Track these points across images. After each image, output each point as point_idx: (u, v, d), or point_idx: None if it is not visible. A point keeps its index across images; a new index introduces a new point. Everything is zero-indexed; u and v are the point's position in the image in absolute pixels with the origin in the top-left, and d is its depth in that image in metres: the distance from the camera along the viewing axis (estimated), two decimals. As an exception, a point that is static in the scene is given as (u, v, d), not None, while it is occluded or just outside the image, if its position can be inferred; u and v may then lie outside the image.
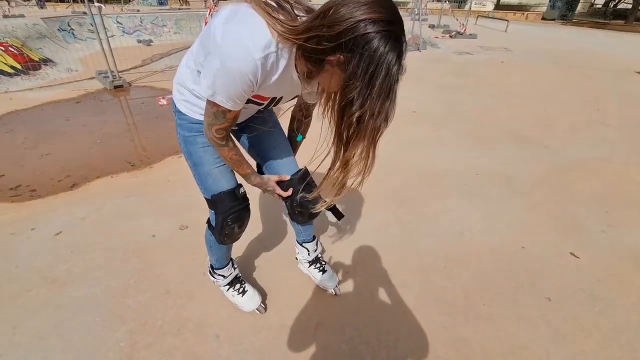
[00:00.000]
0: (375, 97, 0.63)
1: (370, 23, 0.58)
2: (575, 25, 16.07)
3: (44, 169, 2.57)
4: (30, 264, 1.67)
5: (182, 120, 1.02)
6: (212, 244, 1.27)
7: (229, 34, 0.70)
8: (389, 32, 0.60)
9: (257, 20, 0.69)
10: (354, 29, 0.59)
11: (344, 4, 0.60)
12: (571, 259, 1.75)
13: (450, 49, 8.08)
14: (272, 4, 0.71)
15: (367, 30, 0.58)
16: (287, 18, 0.70)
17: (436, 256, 1.76)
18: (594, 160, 2.84)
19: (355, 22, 0.59)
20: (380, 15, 0.59)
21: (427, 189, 2.37)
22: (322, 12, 0.63)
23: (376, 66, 0.60)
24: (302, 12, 0.75)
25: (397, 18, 0.62)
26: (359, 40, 0.59)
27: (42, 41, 8.83)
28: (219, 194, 1.09)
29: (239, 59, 0.70)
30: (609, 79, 5.62)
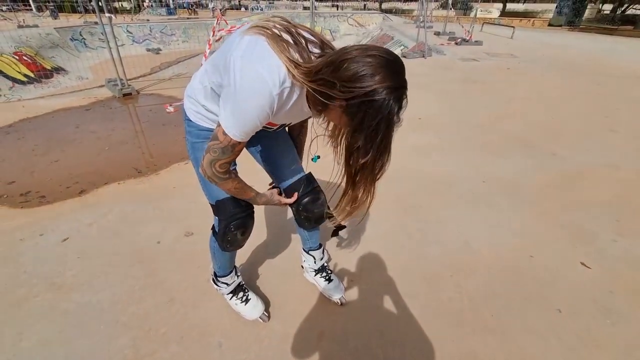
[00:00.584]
0: (377, 147, 0.72)
1: (382, 90, 0.65)
2: (582, 31, 15.97)
3: (53, 175, 2.61)
4: (38, 270, 1.69)
5: (191, 128, 1.04)
6: (216, 251, 1.28)
7: (248, 70, 0.74)
8: (397, 98, 0.67)
9: (274, 58, 0.73)
10: (367, 94, 0.65)
11: (356, 61, 0.65)
12: (582, 269, 1.71)
13: (456, 55, 8.08)
14: (287, 39, 0.75)
15: (379, 97, 0.65)
16: (301, 56, 0.75)
17: (443, 265, 1.73)
18: (603, 167, 2.79)
19: (370, 89, 0.65)
20: (391, 83, 0.65)
21: (433, 196, 2.35)
22: (334, 63, 0.68)
23: (381, 124, 0.68)
24: (316, 47, 0.80)
25: (404, 82, 0.70)
26: (371, 104, 0.66)
27: (54, 50, 9.06)
28: (222, 199, 1.09)
29: (258, 94, 0.74)
30: (617, 85, 5.55)
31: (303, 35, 0.79)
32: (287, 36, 0.76)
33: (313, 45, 0.79)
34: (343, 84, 0.66)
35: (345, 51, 0.69)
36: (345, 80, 0.66)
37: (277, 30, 0.77)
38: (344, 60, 0.66)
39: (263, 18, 0.82)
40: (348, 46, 0.70)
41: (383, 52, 0.67)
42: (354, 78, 0.65)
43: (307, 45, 0.78)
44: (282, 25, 0.78)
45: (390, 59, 0.67)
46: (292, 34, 0.77)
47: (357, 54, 0.66)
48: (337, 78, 0.67)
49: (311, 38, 0.81)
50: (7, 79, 6.30)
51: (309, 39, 0.79)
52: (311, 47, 0.78)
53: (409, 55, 8.01)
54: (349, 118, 0.70)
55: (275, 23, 0.79)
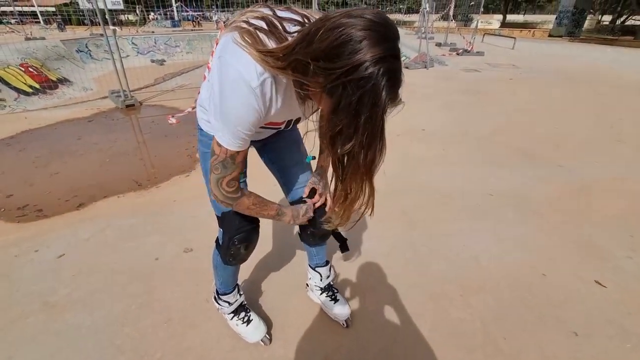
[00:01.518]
0: (362, 131, 0.58)
1: (367, 64, 0.52)
2: (583, 41, 16.06)
3: (52, 188, 2.58)
4: (31, 288, 1.63)
5: (203, 137, 1.01)
6: (218, 265, 1.22)
7: (226, 70, 0.69)
8: (387, 71, 0.54)
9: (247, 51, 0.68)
10: (348, 72, 0.53)
11: (333, 28, 0.53)
12: (596, 288, 1.64)
13: (458, 66, 8.11)
14: (260, 26, 0.69)
15: (364, 73, 0.52)
16: (278, 40, 0.67)
17: (450, 283, 1.67)
18: (611, 179, 2.73)
19: (350, 66, 0.52)
20: (378, 51, 0.52)
21: (439, 210, 2.29)
22: (307, 35, 0.57)
23: (364, 101, 0.55)
24: (295, 25, 0.71)
25: (396, 50, 0.56)
26: (353, 82, 0.53)
27: (60, 62, 9.18)
28: (229, 211, 1.04)
29: (238, 92, 0.69)
30: (620, 95, 5.53)
31: (280, 16, 0.71)
32: (260, 22, 0.69)
33: (292, 24, 0.70)
34: (316, 64, 0.55)
35: (321, 18, 0.57)
36: (319, 56, 0.55)
37: (250, 19, 0.70)
38: (318, 29, 0.55)
39: (239, 13, 0.77)
40: (328, 12, 0.58)
41: (369, 13, 0.54)
42: (330, 52, 0.53)
43: (284, 25, 0.69)
44: (256, 13, 0.72)
45: (377, 21, 0.53)
46: (265, 18, 0.69)
47: (335, 19, 0.54)
48: (310, 55, 0.56)
49: (290, 16, 0.72)
50: (13, 90, 6.36)
51: (286, 18, 0.71)
52: (289, 26, 0.70)
53: (411, 65, 8.04)
54: (328, 98, 0.58)
55: (248, 13, 0.73)
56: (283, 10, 0.75)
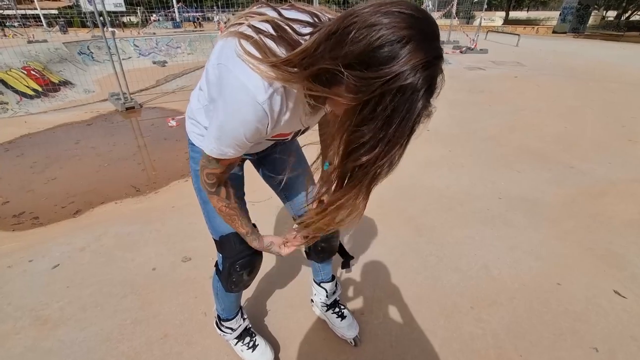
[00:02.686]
0: (386, 142, 0.49)
1: (411, 72, 0.43)
2: (587, 38, 15.85)
3: (49, 194, 2.52)
4: (23, 301, 1.57)
5: (195, 153, 0.92)
6: (219, 292, 1.13)
7: (227, 79, 0.61)
8: (429, 76, 0.45)
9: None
10: (388, 82, 0.43)
11: (369, 26, 0.44)
12: (616, 299, 1.55)
13: (462, 64, 7.99)
14: (266, 31, 0.59)
15: (406, 82, 0.43)
16: (287, 45, 0.57)
17: (461, 295, 1.58)
18: (626, 181, 2.63)
19: (393, 75, 0.43)
20: (424, 56, 0.44)
21: (447, 215, 2.20)
22: (334, 34, 0.47)
23: (400, 111, 0.46)
24: (306, 26, 0.61)
25: (440, 51, 0.47)
26: (392, 92, 0.44)
27: (62, 64, 9.17)
28: (227, 235, 0.96)
29: (241, 106, 0.60)
30: (630, 92, 5.39)
31: (286, 16, 0.62)
32: (266, 26, 0.60)
33: (302, 25, 0.61)
34: (349, 72, 0.45)
35: (349, 14, 0.47)
36: (352, 62, 0.45)
37: (253, 23, 0.61)
38: (347, 27, 0.45)
39: (237, 15, 0.68)
40: (353, 8, 0.47)
41: (407, 7, 0.45)
42: (366, 57, 0.44)
43: (294, 28, 0.59)
44: (257, 13, 0.63)
45: (419, 17, 0.45)
46: (271, 22, 0.60)
47: (368, 15, 0.44)
48: (341, 60, 0.46)
49: (298, 16, 0.62)
50: (15, 93, 6.34)
51: (294, 19, 0.61)
52: (299, 27, 0.60)
53: (414, 64, 7.94)
54: (356, 108, 0.48)
55: (249, 14, 0.64)
56: (288, 9, 0.66)
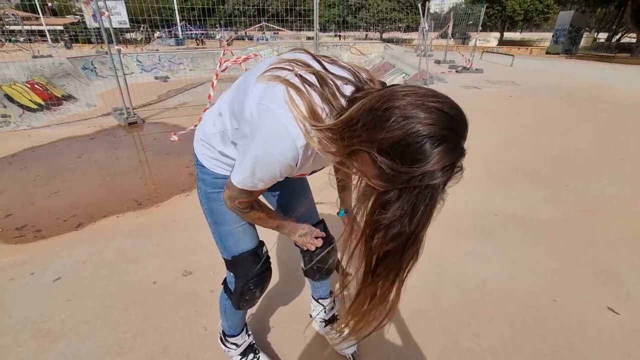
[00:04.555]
0: (411, 230, 0.51)
1: (442, 173, 0.48)
2: (580, 59, 16.31)
3: (51, 207, 2.55)
4: (25, 314, 1.58)
5: (205, 175, 0.93)
6: (228, 309, 1.14)
7: (268, 121, 0.63)
8: (451, 174, 0.50)
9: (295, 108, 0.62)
10: (416, 178, 0.48)
11: (407, 118, 0.47)
12: (610, 316, 1.58)
13: (457, 83, 8.18)
14: (311, 82, 0.62)
15: (434, 182, 0.48)
16: (330, 102, 0.60)
17: (459, 309, 1.60)
18: (618, 199, 2.69)
19: (422, 172, 0.47)
20: (452, 157, 0.48)
21: (445, 231, 2.24)
22: (372, 113, 0.51)
23: (422, 202, 0.50)
24: (347, 83, 0.64)
25: (464, 150, 0.52)
26: (420, 187, 0.48)
27: (66, 79, 9.34)
28: (240, 254, 0.98)
29: (280, 146, 0.64)
30: (622, 113, 5.54)
31: (331, 71, 0.65)
32: (312, 77, 0.63)
33: (343, 82, 0.64)
34: (382, 159, 0.49)
35: (392, 96, 0.50)
36: (385, 149, 0.49)
37: (297, 71, 0.64)
38: (387, 111, 0.49)
39: (281, 59, 0.69)
40: (396, 87, 0.52)
41: (445, 104, 0.49)
42: (399, 149, 0.48)
43: (336, 84, 0.62)
44: (303, 63, 0.66)
45: (454, 118, 0.49)
46: (316, 74, 0.63)
47: (407, 105, 0.48)
48: (376, 145, 0.50)
49: (341, 72, 0.65)
50: (18, 106, 6.44)
51: (338, 75, 0.64)
52: (342, 84, 0.63)
53: (411, 83, 8.14)
54: (381, 192, 0.52)
55: (295, 62, 0.66)
56: (330, 62, 0.69)
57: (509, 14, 25.98)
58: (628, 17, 16.28)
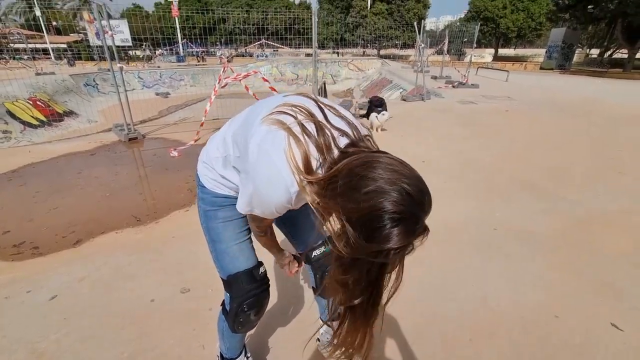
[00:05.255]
0: (368, 293, 0.61)
1: (397, 251, 0.54)
2: (573, 74, 16.65)
3: (50, 224, 2.54)
4: (20, 333, 1.55)
5: (205, 195, 0.98)
6: (225, 331, 1.13)
7: (266, 163, 0.69)
8: (408, 250, 0.57)
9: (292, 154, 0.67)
10: (378, 254, 0.54)
11: (378, 193, 0.52)
12: (614, 332, 1.56)
13: (454, 98, 8.32)
14: (310, 132, 0.66)
15: (390, 256, 0.55)
16: (324, 153, 0.64)
17: (460, 326, 1.59)
18: (616, 212, 2.70)
19: (384, 250, 0.53)
20: (410, 239, 0.55)
21: (444, 245, 2.24)
22: (352, 179, 0.55)
23: (378, 269, 0.59)
24: (343, 136, 0.68)
25: (424, 229, 0.57)
26: (376, 263, 0.57)
27: (68, 95, 9.47)
28: (235, 274, 0.99)
29: (275, 189, 0.69)
30: (616, 126, 5.62)
31: (331, 121, 0.69)
32: (311, 126, 0.67)
33: (341, 134, 0.68)
34: (350, 228, 0.54)
35: (372, 163, 0.55)
36: (351, 218, 0.54)
37: (302, 120, 0.68)
38: (364, 178, 0.53)
39: (286, 102, 0.73)
40: (381, 156, 0.57)
41: (415, 188, 0.53)
42: (363, 223, 0.53)
43: (333, 136, 0.67)
44: (307, 111, 0.70)
45: (416, 198, 0.53)
46: (317, 123, 0.67)
47: (379, 179, 0.52)
48: (345, 212, 0.55)
49: (341, 125, 0.70)
50: (20, 122, 6.50)
51: (336, 127, 0.69)
52: (339, 136, 0.67)
53: (409, 98, 8.26)
54: (344, 246, 0.57)
55: (299, 109, 0.70)
56: (333, 113, 0.73)
57: (503, 31, 26.65)
58: (619, 33, 16.72)
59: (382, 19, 25.99)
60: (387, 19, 26.15)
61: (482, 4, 26.73)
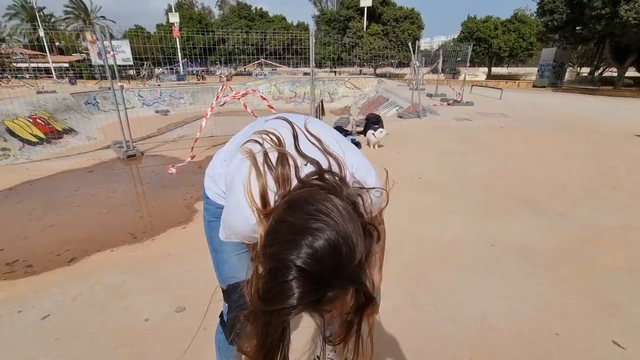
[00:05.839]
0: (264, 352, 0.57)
1: (298, 309, 0.48)
2: (565, 91, 17.04)
3: (45, 242, 2.51)
4: (9, 355, 1.51)
5: (209, 205, 1.02)
6: (222, 345, 1.11)
7: (231, 192, 0.72)
8: (307, 306, 0.50)
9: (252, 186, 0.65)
10: (276, 313, 0.49)
11: (292, 233, 0.49)
12: (616, 350, 1.54)
13: (449, 115, 8.46)
14: (271, 164, 0.64)
15: (289, 317, 0.49)
16: (281, 184, 0.62)
17: (460, 346, 1.56)
18: (613, 228, 2.71)
19: (283, 310, 0.48)
20: (314, 296, 0.48)
21: (442, 263, 2.23)
22: (281, 225, 0.52)
23: (273, 332, 0.54)
24: (309, 165, 0.65)
25: (324, 299, 0.49)
26: (267, 315, 0.51)
27: (68, 113, 9.56)
28: (234, 284, 0.98)
29: (237, 219, 0.71)
30: (610, 142, 5.71)
31: (300, 148, 0.67)
32: (274, 157, 0.65)
33: (308, 163, 0.65)
34: (265, 248, 0.51)
35: (296, 209, 0.52)
36: (265, 265, 0.51)
37: (266, 148, 0.67)
38: (282, 222, 0.52)
39: (261, 128, 0.73)
40: (316, 199, 0.52)
41: (331, 245, 0.48)
42: (270, 273, 0.49)
43: (297, 166, 0.64)
44: (276, 138, 0.68)
45: (330, 263, 0.47)
46: (280, 153, 0.65)
47: (301, 228, 0.49)
48: (261, 261, 0.52)
49: (310, 153, 0.67)
50: (19, 140, 6.54)
51: (305, 155, 0.66)
52: (303, 165, 0.65)
53: (405, 115, 8.40)
54: (252, 296, 0.53)
55: (270, 135, 0.69)
56: (309, 137, 0.70)
57: (495, 50, 27.44)
58: (608, 53, 17.24)
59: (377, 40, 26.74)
60: (382, 39, 26.91)
61: (474, 25, 27.64)
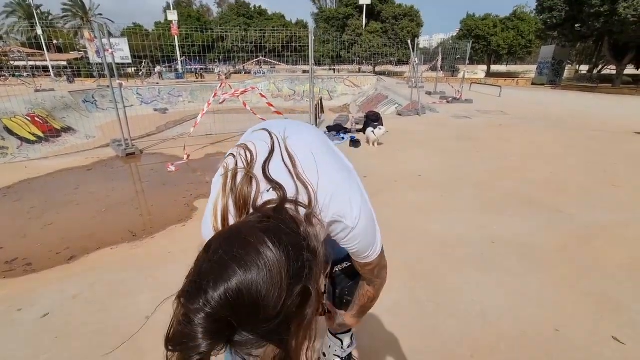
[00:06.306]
0: None
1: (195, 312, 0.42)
2: (564, 89, 17.05)
3: (44, 240, 2.51)
4: (8, 354, 1.50)
5: None
6: None
7: (207, 206, 0.70)
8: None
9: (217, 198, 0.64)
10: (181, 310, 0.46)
11: (201, 274, 0.45)
12: (616, 346, 1.54)
13: (449, 113, 8.46)
14: (234, 187, 0.61)
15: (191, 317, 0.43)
16: (238, 208, 0.60)
17: (460, 343, 1.56)
18: (613, 225, 2.71)
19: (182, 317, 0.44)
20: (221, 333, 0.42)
21: (442, 260, 2.23)
22: (207, 254, 0.49)
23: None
24: (273, 188, 0.62)
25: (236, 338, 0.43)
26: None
27: (66, 111, 9.52)
28: None
29: (205, 236, 0.67)
30: (609, 139, 5.72)
31: (268, 170, 0.63)
32: (240, 178, 0.62)
33: (272, 189, 0.61)
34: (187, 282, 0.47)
35: (209, 248, 0.49)
36: (187, 277, 0.48)
37: (238, 166, 0.64)
38: (199, 261, 0.48)
39: (245, 140, 0.74)
40: (237, 238, 0.48)
41: (234, 285, 0.42)
42: (185, 283, 0.46)
43: (259, 190, 0.61)
44: (250, 155, 0.65)
45: (232, 304, 0.42)
46: (246, 174, 0.62)
47: (219, 257, 0.45)
48: (193, 268, 0.49)
49: (278, 177, 0.62)
50: (17, 138, 6.51)
51: (270, 179, 0.62)
52: (265, 190, 0.61)
53: (404, 113, 8.39)
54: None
55: (245, 151, 0.66)
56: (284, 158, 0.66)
57: (494, 48, 27.41)
58: (606, 50, 17.23)
59: (377, 37, 26.68)
60: (381, 37, 26.86)
61: (473, 23, 27.60)
